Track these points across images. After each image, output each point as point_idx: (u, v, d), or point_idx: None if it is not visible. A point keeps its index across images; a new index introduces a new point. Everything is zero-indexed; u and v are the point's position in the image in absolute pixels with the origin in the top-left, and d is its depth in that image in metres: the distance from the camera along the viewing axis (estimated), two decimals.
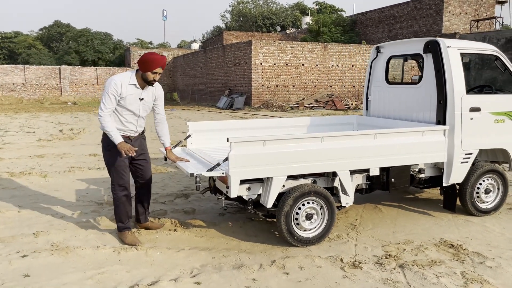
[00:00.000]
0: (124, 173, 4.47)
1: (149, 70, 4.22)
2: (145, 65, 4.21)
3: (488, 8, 30.35)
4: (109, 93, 4.18)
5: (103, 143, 4.50)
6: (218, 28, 63.85)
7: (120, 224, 4.55)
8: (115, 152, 4.31)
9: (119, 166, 4.42)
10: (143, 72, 4.26)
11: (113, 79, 4.24)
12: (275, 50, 24.14)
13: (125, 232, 4.54)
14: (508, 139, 5.22)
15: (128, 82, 4.28)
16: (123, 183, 4.47)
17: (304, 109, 22.75)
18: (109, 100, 4.20)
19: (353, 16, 37.15)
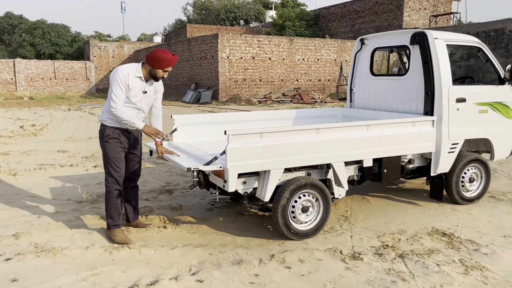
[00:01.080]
0: (119, 167, 4.33)
1: (161, 67, 4.18)
2: (158, 63, 4.14)
3: (445, 4, 31.37)
4: (119, 83, 4.09)
5: (101, 134, 4.34)
6: (180, 21, 62.85)
7: (110, 220, 4.36)
8: (113, 145, 4.25)
9: (115, 159, 4.29)
10: (153, 68, 4.17)
11: (119, 69, 4.14)
12: (241, 44, 23.98)
13: (114, 230, 4.35)
14: (491, 129, 5.37)
15: (135, 74, 4.18)
16: (118, 177, 4.33)
17: (272, 103, 22.77)
18: (120, 91, 4.10)
19: (317, 11, 37.48)
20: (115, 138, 4.29)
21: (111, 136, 4.26)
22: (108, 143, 4.28)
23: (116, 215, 4.36)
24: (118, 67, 4.20)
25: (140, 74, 4.20)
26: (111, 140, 4.27)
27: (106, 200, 4.37)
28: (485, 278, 3.51)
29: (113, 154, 4.29)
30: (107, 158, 4.31)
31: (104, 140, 4.30)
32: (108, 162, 4.31)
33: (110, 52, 36.02)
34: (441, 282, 3.45)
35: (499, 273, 3.60)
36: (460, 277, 3.53)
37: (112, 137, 4.27)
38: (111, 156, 4.29)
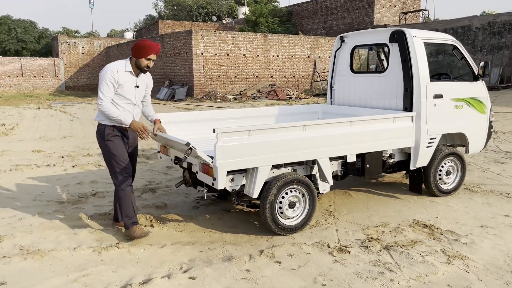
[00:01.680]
0: (127, 164, 4.31)
1: (143, 56, 4.14)
2: (139, 51, 4.12)
3: (414, 2, 32.10)
4: (106, 81, 4.06)
5: (100, 134, 4.27)
6: (151, 17, 62.02)
7: (127, 219, 4.31)
8: (117, 142, 4.22)
9: (121, 156, 4.26)
10: (136, 58, 4.17)
11: (108, 66, 4.13)
12: (216, 40, 23.89)
13: (133, 227, 4.31)
14: (466, 124, 5.59)
15: (124, 69, 4.17)
16: (126, 174, 4.30)
17: (247, 99, 22.80)
18: (107, 88, 4.07)
19: (289, 7, 37.67)
20: (117, 135, 4.26)
21: (113, 134, 4.24)
22: (112, 141, 4.24)
23: (132, 212, 4.32)
24: (108, 65, 4.19)
25: (129, 68, 4.20)
26: (113, 138, 4.24)
27: (121, 200, 4.30)
28: (466, 266, 3.68)
29: (118, 151, 4.25)
30: (112, 156, 4.25)
31: (106, 139, 4.24)
32: (115, 160, 4.25)
33: (79, 48, 35.20)
34: (426, 271, 3.59)
35: (479, 261, 3.78)
36: (443, 266, 3.68)
37: (114, 134, 4.24)
38: (117, 154, 4.24)
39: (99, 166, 7.55)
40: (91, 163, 7.82)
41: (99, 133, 4.32)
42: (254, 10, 37.00)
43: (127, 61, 4.23)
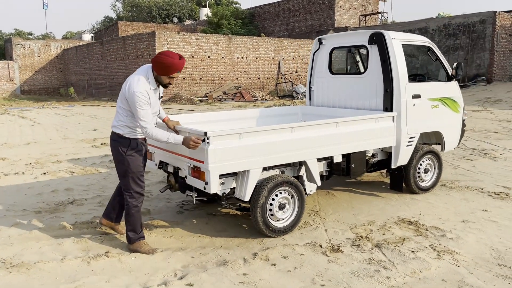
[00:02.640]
0: (142, 180, 4.18)
1: (166, 74, 3.93)
2: (164, 69, 3.89)
3: (373, 4, 32.98)
4: (142, 106, 3.84)
5: (122, 147, 4.05)
6: (109, 18, 60.59)
7: (132, 234, 4.16)
8: (137, 158, 4.08)
9: (139, 173, 4.12)
10: (159, 74, 3.94)
11: (137, 91, 3.82)
12: (180, 42, 23.61)
13: (140, 241, 4.17)
14: (442, 122, 5.79)
15: (150, 88, 3.95)
16: (141, 191, 4.18)
17: (213, 101, 22.68)
18: (146, 113, 3.88)
19: (251, 9, 37.81)
20: (140, 150, 4.12)
21: (137, 149, 4.08)
22: (133, 157, 4.07)
23: (139, 228, 4.18)
24: (134, 88, 3.83)
25: (154, 85, 3.99)
26: (136, 153, 4.08)
27: (129, 215, 4.14)
28: (456, 261, 3.81)
29: (137, 168, 4.10)
30: (129, 172, 4.08)
31: (127, 154, 4.05)
32: (131, 177, 4.09)
33: (35, 51, 33.87)
34: (420, 267, 3.69)
35: (467, 255, 3.92)
36: (435, 261, 3.79)
37: (137, 149, 4.09)
38: (135, 171, 4.09)
39: (71, 173, 7.29)
40: (63, 170, 7.54)
41: (122, 146, 4.06)
42: (216, 12, 36.85)
43: (149, 76, 3.95)
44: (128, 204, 4.15)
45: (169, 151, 4.57)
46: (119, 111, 4.07)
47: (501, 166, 7.23)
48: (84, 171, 7.39)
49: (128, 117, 4.01)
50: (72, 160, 8.36)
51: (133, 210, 4.14)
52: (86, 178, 6.96)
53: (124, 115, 4.02)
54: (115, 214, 4.52)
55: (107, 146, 9.83)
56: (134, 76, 3.98)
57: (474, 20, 23.79)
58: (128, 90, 3.89)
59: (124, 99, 3.99)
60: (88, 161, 8.27)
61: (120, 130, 4.05)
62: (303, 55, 27.63)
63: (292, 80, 26.31)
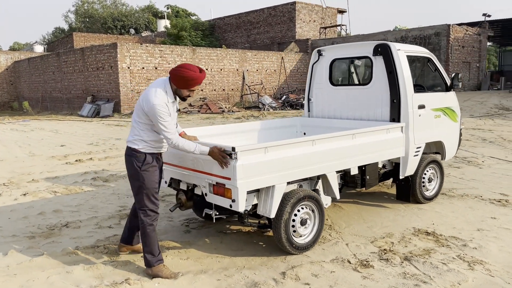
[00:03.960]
0: (157, 197, 3.94)
1: (186, 88, 3.79)
2: (183, 83, 3.76)
3: (331, 17, 33.81)
4: (164, 118, 3.68)
5: (138, 162, 3.82)
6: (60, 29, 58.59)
7: (150, 256, 3.88)
8: (153, 173, 3.86)
9: (153, 189, 3.89)
10: (178, 88, 3.79)
11: (157, 103, 3.66)
12: (142, 54, 23.07)
13: (159, 265, 3.88)
14: (443, 132, 5.88)
15: (168, 101, 3.76)
16: (156, 209, 3.93)
17: (180, 113, 22.24)
18: (168, 124, 3.72)
19: (212, 21, 37.71)
20: (155, 165, 3.89)
21: (152, 164, 3.86)
22: (148, 172, 3.84)
23: (156, 250, 3.91)
24: (153, 100, 3.66)
25: (172, 98, 3.82)
26: (151, 168, 3.85)
27: (145, 235, 3.88)
28: (489, 271, 3.80)
29: (152, 184, 3.87)
30: (144, 189, 3.85)
31: (142, 169, 3.82)
32: (146, 193, 3.85)
33: None
34: (457, 280, 3.65)
35: (497, 265, 3.93)
36: (469, 272, 3.77)
37: (153, 165, 3.86)
38: (150, 187, 3.86)
39: (54, 193, 6.80)
40: (43, 189, 7.03)
41: (137, 161, 3.84)
42: (175, 23, 36.48)
43: (167, 89, 3.78)
44: (143, 222, 3.90)
45: (183, 167, 4.33)
46: (134, 125, 3.87)
47: (489, 173, 7.45)
48: (68, 191, 6.92)
49: (144, 131, 3.82)
50: (50, 179, 7.82)
51: (149, 229, 3.89)
52: (72, 198, 6.51)
53: (140, 129, 3.83)
54: (133, 236, 4.23)
55: (83, 163, 9.33)
56: (151, 88, 3.78)
57: (430, 32, 24.88)
58: (147, 104, 3.70)
59: (141, 113, 3.79)
60: (68, 179, 7.78)
61: (136, 144, 3.84)
62: (267, 67, 27.78)
63: (258, 91, 26.34)
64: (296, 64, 29.32)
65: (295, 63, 29.25)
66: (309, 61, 29.81)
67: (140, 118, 3.81)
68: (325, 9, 33.01)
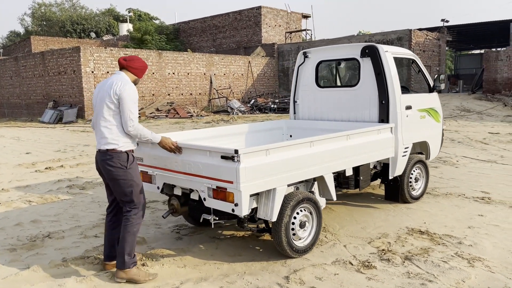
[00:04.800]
0: (144, 193, 3.91)
1: (141, 76, 3.94)
2: (142, 72, 3.92)
3: (296, 22, 34.18)
4: (134, 101, 3.68)
5: (121, 162, 3.72)
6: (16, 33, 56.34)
7: (128, 258, 3.75)
8: (137, 170, 3.85)
9: (141, 185, 3.88)
10: (139, 77, 3.92)
11: (128, 86, 3.68)
12: (107, 57, 22.46)
13: (133, 268, 3.77)
14: (428, 132, 5.99)
15: None
16: (144, 206, 3.89)
17: (146, 118, 21.78)
18: (136, 108, 3.71)
19: (176, 25, 37.27)
20: (135, 161, 3.87)
21: (133, 160, 3.81)
22: (134, 169, 3.82)
23: (133, 251, 3.82)
24: (124, 83, 3.67)
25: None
26: (133, 165, 3.81)
27: (129, 235, 3.75)
28: (488, 267, 3.86)
29: (139, 180, 3.86)
30: (135, 186, 3.78)
31: (128, 167, 3.74)
32: (136, 190, 3.79)
33: None
34: (461, 277, 3.68)
35: (494, 261, 4.00)
36: (470, 270, 3.82)
37: (134, 162, 3.83)
38: (139, 182, 3.85)
39: (29, 202, 6.43)
40: (16, 199, 6.64)
41: (120, 161, 3.70)
42: (139, 27, 35.83)
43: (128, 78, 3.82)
44: (132, 221, 3.77)
45: (178, 171, 4.17)
46: (103, 125, 3.71)
47: (466, 172, 7.67)
48: (44, 200, 6.57)
49: (118, 126, 3.71)
50: (21, 188, 7.42)
51: (134, 228, 3.79)
52: (49, 207, 6.18)
53: (113, 125, 3.69)
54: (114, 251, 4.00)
55: (55, 171, 8.92)
56: (113, 78, 3.74)
57: (392, 37, 25.56)
58: (121, 89, 3.63)
59: (111, 104, 3.66)
60: (41, 188, 7.39)
61: (115, 144, 3.70)
62: (234, 71, 27.71)
63: (226, 95, 26.21)
64: (263, 68, 29.42)
65: (262, 67, 29.34)
66: (275, 65, 30.11)
67: (108, 113, 3.68)
68: (290, 14, 33.34)
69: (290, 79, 29.77)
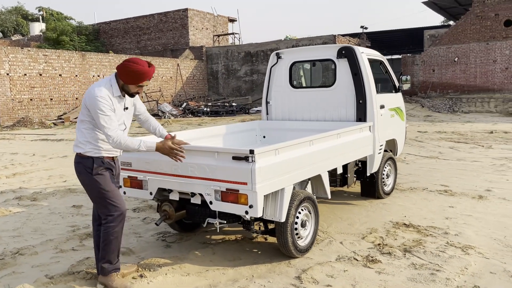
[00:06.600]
0: (120, 200, 3.58)
1: (134, 83, 3.50)
2: (131, 77, 3.47)
3: (223, 25, 34.21)
4: (105, 111, 3.34)
5: (86, 168, 3.48)
6: None
7: (108, 265, 3.56)
8: (107, 177, 3.50)
9: (113, 191, 3.54)
10: (126, 83, 3.48)
11: (99, 95, 3.34)
12: (24, 59, 20.75)
13: (112, 274, 3.55)
14: (396, 130, 6.28)
15: (113, 94, 3.45)
16: (122, 211, 3.56)
17: (71, 123, 20.42)
18: (109, 118, 3.36)
19: (96, 25, 35.47)
20: (108, 168, 3.54)
21: (104, 167, 3.51)
22: (102, 175, 3.49)
23: (115, 258, 3.59)
24: (94, 91, 3.38)
25: (118, 92, 3.52)
26: (103, 171, 3.50)
27: (107, 242, 3.52)
28: (481, 254, 4.12)
29: (110, 186, 3.52)
30: (103, 193, 3.49)
31: (94, 173, 3.46)
32: (106, 197, 3.49)
33: None
34: (463, 265, 3.88)
35: (484, 248, 4.28)
36: (468, 257, 4.05)
37: (105, 167, 3.52)
38: (109, 190, 3.51)
39: None
40: None
41: (84, 167, 3.50)
42: (54, 27, 33.58)
43: (112, 83, 3.50)
44: (108, 229, 3.54)
45: (177, 175, 3.94)
46: (79, 126, 3.53)
47: (418, 168, 8.16)
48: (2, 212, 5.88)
49: (88, 130, 3.49)
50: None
51: (111, 236, 3.55)
52: (4, 221, 5.53)
53: (84, 128, 3.50)
54: None
55: None
56: (95, 83, 3.53)
57: (318, 42, 26.56)
58: (89, 97, 3.42)
59: (84, 109, 3.47)
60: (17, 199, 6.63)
61: (81, 148, 3.51)
62: (163, 74, 27.01)
63: (156, 99, 25.44)
64: (192, 71, 29.03)
65: (191, 70, 28.94)
66: (204, 68, 29.86)
67: (83, 115, 3.50)
68: (217, 17, 33.30)
69: (220, 82, 29.73)
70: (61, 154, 11.30)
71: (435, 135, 13.29)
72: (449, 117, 19.94)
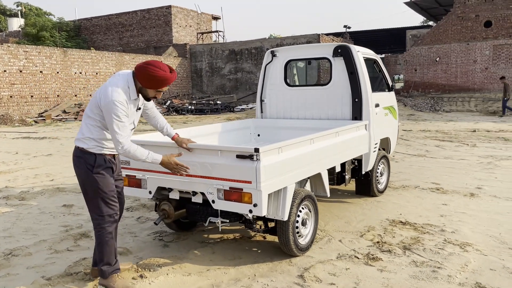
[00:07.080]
0: (115, 201, 3.50)
1: (154, 88, 3.41)
2: (152, 82, 3.36)
3: (207, 23, 34.03)
4: (120, 117, 3.25)
5: (88, 164, 3.38)
6: None
7: (107, 267, 3.47)
8: (107, 176, 3.41)
9: (111, 193, 3.44)
10: (145, 87, 3.38)
11: (117, 100, 3.22)
12: (4, 55, 20.27)
13: (113, 276, 3.48)
14: (390, 129, 6.32)
15: (130, 98, 3.36)
16: (114, 214, 3.49)
17: (52, 121, 20.03)
18: (123, 125, 3.28)
19: (77, 21, 34.86)
20: (109, 167, 3.44)
21: (105, 166, 3.42)
22: (102, 175, 3.40)
23: (113, 259, 3.51)
24: (113, 96, 3.23)
25: (135, 95, 3.41)
26: (104, 170, 3.41)
27: (101, 245, 3.44)
28: (479, 251, 4.18)
29: (108, 187, 3.43)
30: (100, 193, 3.40)
31: (94, 171, 3.37)
32: (102, 198, 3.40)
33: None
34: (463, 262, 3.92)
35: (480, 245, 4.34)
36: (467, 254, 4.10)
37: (106, 166, 3.43)
38: (106, 191, 3.41)
39: None
40: None
41: (86, 163, 3.40)
42: (34, 22, 32.87)
43: (130, 85, 3.37)
44: (100, 230, 3.47)
45: None
46: (85, 121, 3.45)
47: (408, 166, 8.26)
48: None
49: (95, 128, 3.40)
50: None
51: (107, 237, 3.48)
52: None
53: (91, 125, 3.41)
54: None
55: None
56: (112, 82, 3.38)
57: (302, 41, 26.66)
58: (104, 98, 3.28)
59: (95, 107, 3.37)
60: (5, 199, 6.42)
61: (84, 143, 3.41)
62: None
63: None
64: (176, 68, 28.77)
65: (174, 68, 28.66)
66: (188, 66, 29.64)
67: (93, 112, 3.39)
68: (200, 15, 33.10)
69: (204, 80, 29.56)
70: (46, 153, 11.05)
71: (420, 133, 13.47)
72: (431, 116, 20.25)
